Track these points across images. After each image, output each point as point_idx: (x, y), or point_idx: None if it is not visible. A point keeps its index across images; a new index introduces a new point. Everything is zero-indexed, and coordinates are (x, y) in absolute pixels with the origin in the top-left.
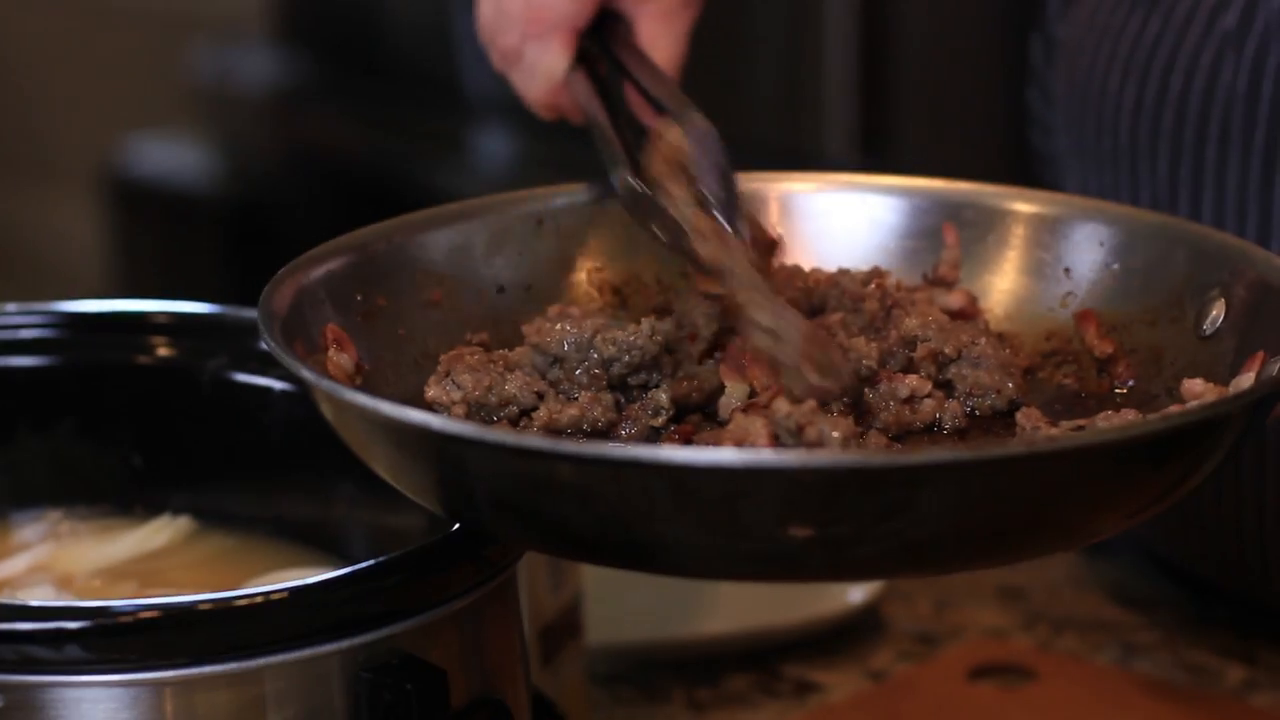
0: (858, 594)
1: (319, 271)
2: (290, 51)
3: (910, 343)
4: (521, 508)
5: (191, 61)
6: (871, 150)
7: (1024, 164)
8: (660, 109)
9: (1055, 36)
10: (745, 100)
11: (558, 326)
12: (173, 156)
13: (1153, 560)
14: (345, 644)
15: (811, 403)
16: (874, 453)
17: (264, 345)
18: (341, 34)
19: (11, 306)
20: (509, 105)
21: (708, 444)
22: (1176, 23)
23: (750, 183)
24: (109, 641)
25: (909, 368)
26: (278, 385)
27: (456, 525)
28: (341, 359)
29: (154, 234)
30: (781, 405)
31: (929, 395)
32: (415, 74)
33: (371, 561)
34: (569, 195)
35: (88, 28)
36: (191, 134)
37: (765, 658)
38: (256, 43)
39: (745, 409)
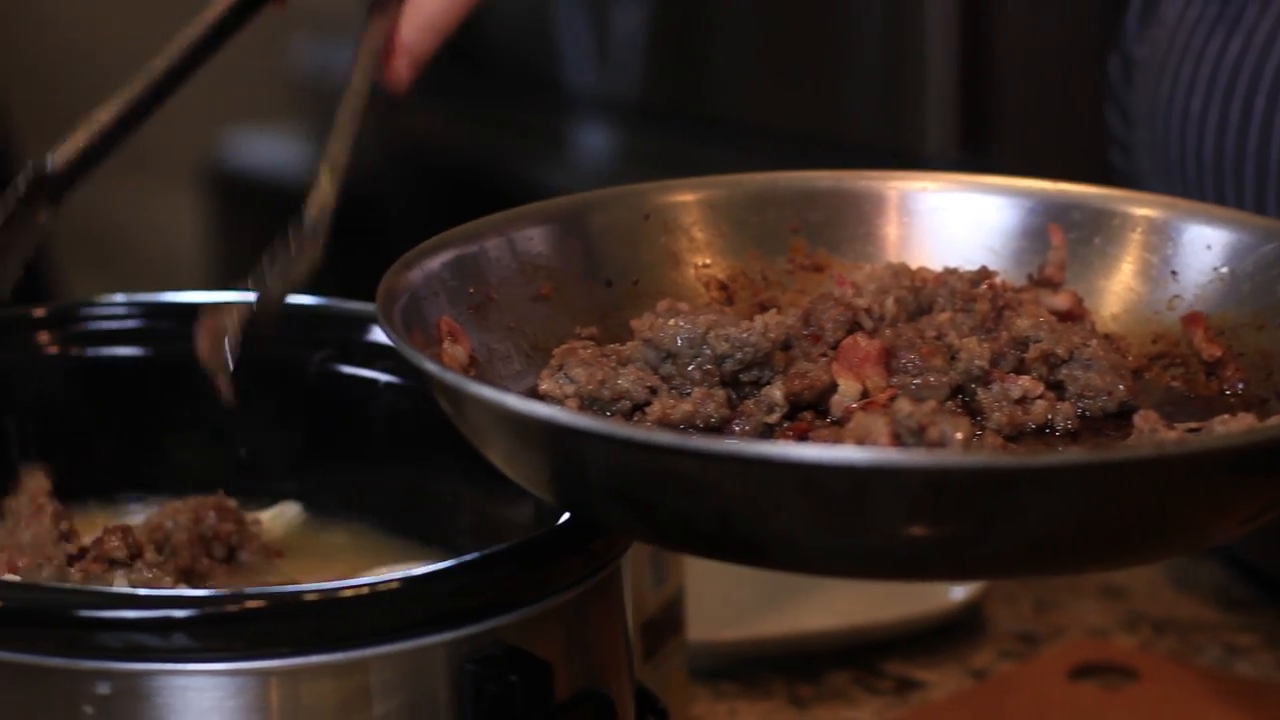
0: (960, 592)
1: (433, 264)
2: None
3: (1022, 344)
4: (641, 501)
5: (292, 55)
6: (971, 152)
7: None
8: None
9: (1134, 57)
10: (846, 102)
11: (670, 322)
12: (272, 150)
13: (1249, 566)
14: (450, 636)
15: (933, 402)
16: (1004, 454)
17: (378, 340)
18: None
19: (118, 297)
20: (609, 100)
21: (824, 442)
22: (1258, 44)
23: (858, 180)
24: (216, 630)
25: (1020, 369)
26: (383, 378)
27: (563, 518)
28: (456, 351)
29: (253, 227)
30: (904, 404)
31: (1041, 396)
32: (515, 68)
33: (477, 554)
34: (676, 191)
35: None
36: (291, 128)
37: (866, 655)
38: (357, 37)
39: (863, 407)
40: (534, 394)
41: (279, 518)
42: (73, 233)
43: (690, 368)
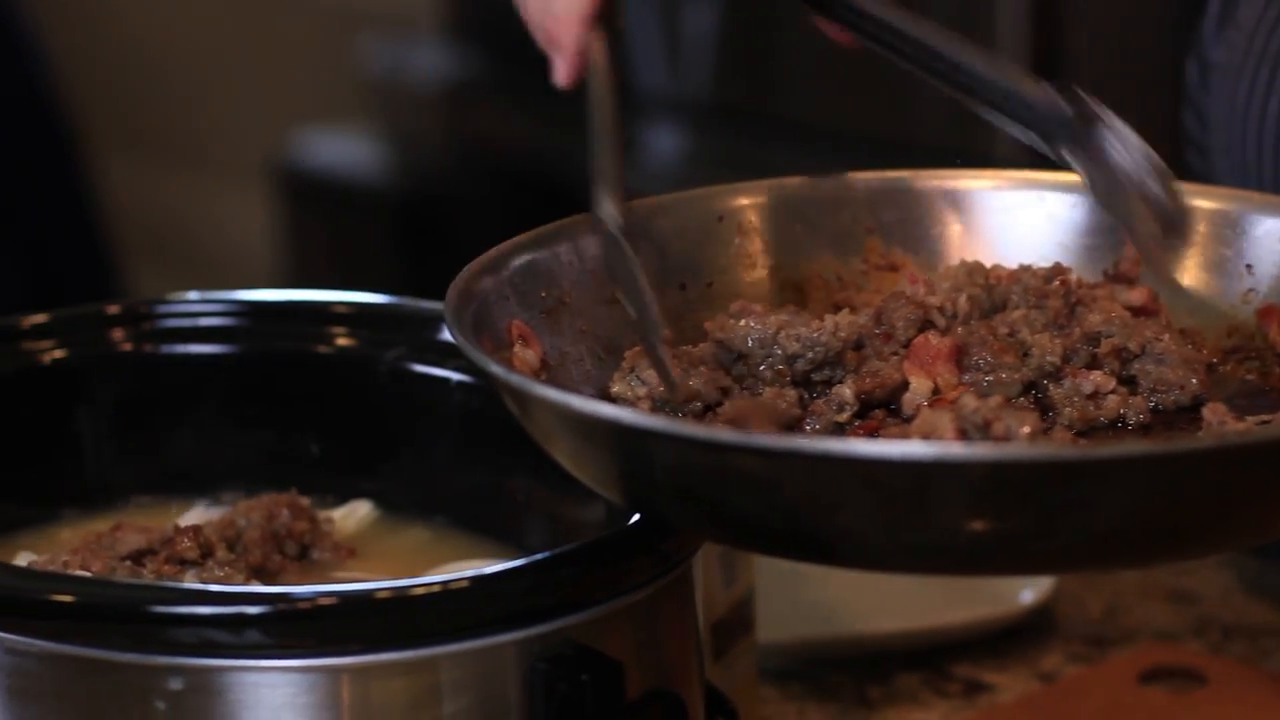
0: (1029, 595)
1: (504, 268)
2: (461, 46)
3: (1094, 339)
4: (708, 500)
5: (363, 55)
6: (1043, 155)
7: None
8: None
9: (1211, 60)
10: (916, 103)
11: (742, 323)
12: (343, 150)
13: None
14: (521, 634)
15: (999, 397)
16: (1065, 446)
17: (450, 339)
18: (513, 29)
19: (193, 295)
20: (680, 101)
21: (894, 439)
22: None
23: (932, 179)
24: (288, 627)
25: (1092, 364)
26: (455, 376)
27: (634, 518)
28: (527, 354)
29: (323, 227)
30: (969, 400)
31: (1113, 391)
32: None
33: (549, 553)
34: (749, 193)
35: (260, 21)
36: (362, 127)
37: (935, 657)
38: (427, 37)
39: (932, 404)
40: (606, 396)
41: (350, 515)
42: (142, 230)
43: (762, 368)
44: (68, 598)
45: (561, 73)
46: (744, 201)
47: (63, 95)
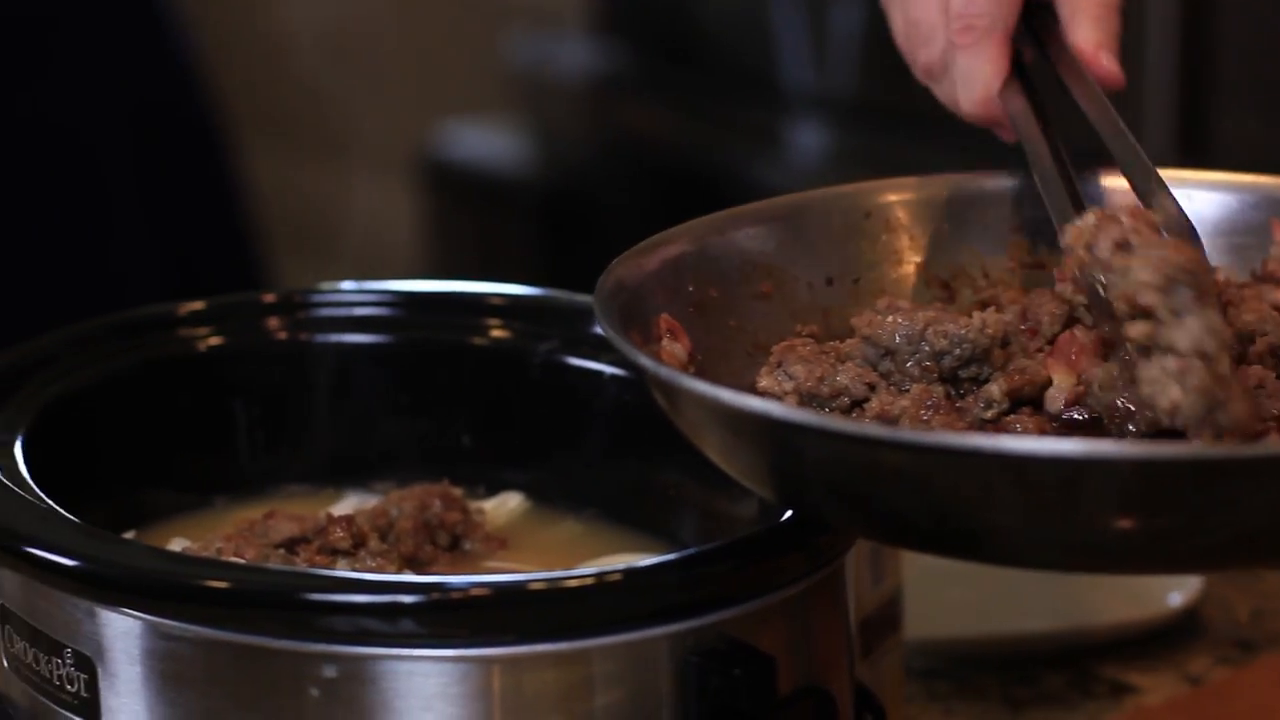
0: (1177, 597)
1: (653, 262)
2: (608, 41)
3: (1248, 337)
4: (856, 495)
5: (510, 48)
6: (1188, 154)
7: None
8: (1104, 149)
9: None
10: (1060, 102)
11: (889, 319)
12: (488, 142)
13: None
14: (674, 628)
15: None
16: (1214, 445)
17: (600, 332)
18: (659, 24)
19: (348, 284)
20: (825, 98)
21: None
22: None
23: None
24: (442, 617)
25: (1243, 361)
26: (608, 370)
27: (788, 513)
28: (675, 348)
29: (467, 219)
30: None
31: (1261, 385)
32: (732, 66)
33: (703, 547)
34: (897, 189)
35: (408, 13)
36: (507, 120)
37: (1082, 658)
38: (575, 31)
39: (1073, 399)
40: (753, 391)
41: (502, 507)
42: (285, 221)
43: (909, 364)
44: (223, 584)
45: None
46: (891, 198)
47: (211, 86)
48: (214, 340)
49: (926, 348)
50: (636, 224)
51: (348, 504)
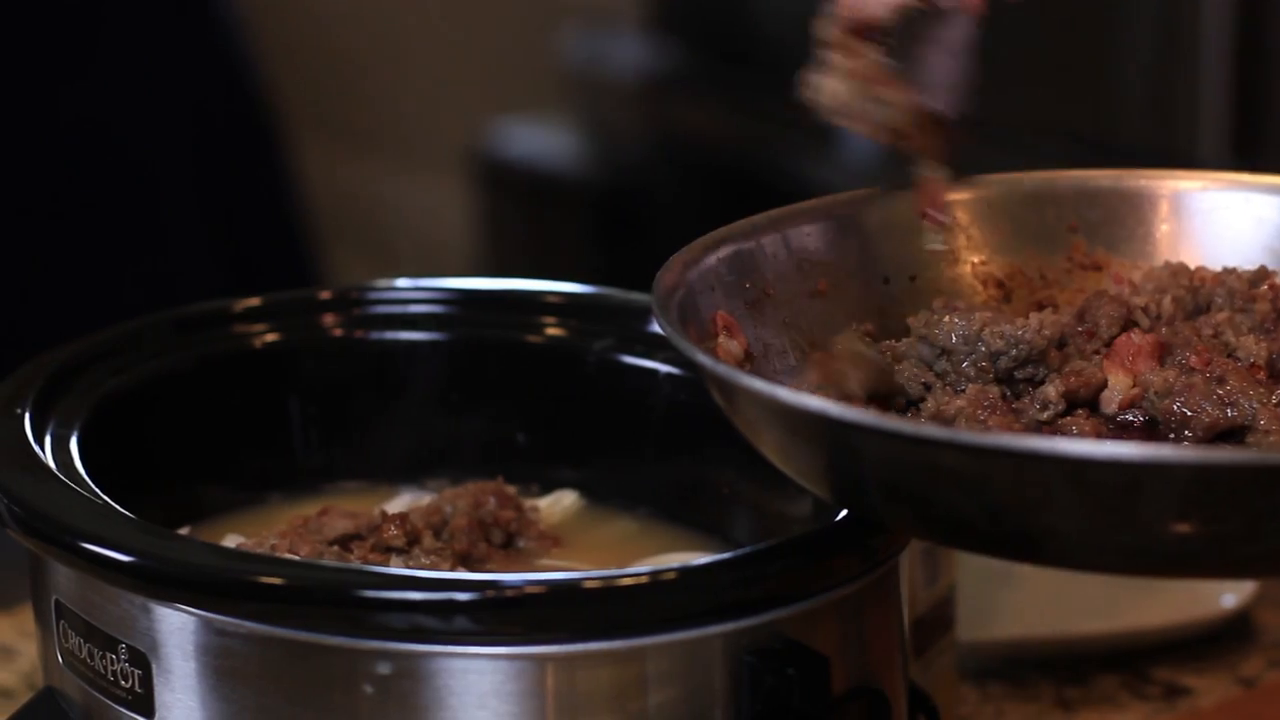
0: (1230, 599)
1: (709, 259)
2: (662, 38)
3: None
4: (913, 495)
5: (563, 46)
6: (1243, 155)
7: None
8: None
9: None
10: (1118, 104)
11: (945, 319)
12: (541, 140)
13: None
14: (729, 627)
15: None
16: (1274, 451)
17: (655, 330)
18: (714, 22)
19: (403, 281)
20: None
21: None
22: None
23: (1137, 179)
24: (497, 614)
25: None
26: (663, 368)
27: (843, 513)
28: (731, 345)
29: (520, 216)
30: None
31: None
32: (787, 63)
33: (758, 546)
34: (955, 189)
35: (462, 10)
36: (561, 118)
37: (1135, 659)
38: (629, 29)
39: (1129, 400)
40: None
41: (556, 505)
42: (338, 218)
43: (965, 364)
44: (278, 580)
45: None
46: (949, 197)
47: (265, 83)
48: (270, 336)
49: (983, 348)
50: (690, 222)
51: (402, 501)
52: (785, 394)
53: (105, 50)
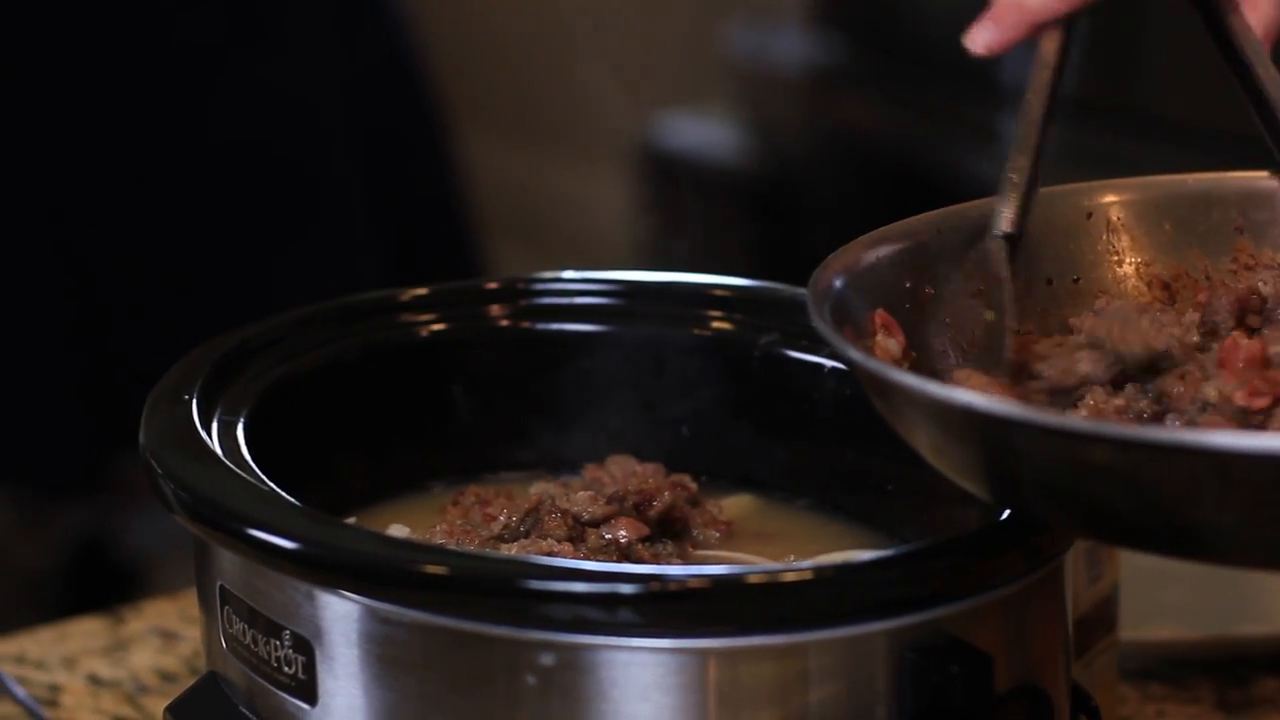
0: None
1: (868, 257)
2: (827, 33)
3: None
4: (1066, 491)
5: (728, 40)
6: None
7: None
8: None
9: None
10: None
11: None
12: (704, 133)
13: None
14: (892, 624)
15: None
16: None
17: (814, 327)
18: (878, 17)
19: (569, 273)
20: None
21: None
22: None
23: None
24: (660, 607)
25: None
26: (829, 363)
27: (1008, 511)
28: (889, 344)
29: (682, 209)
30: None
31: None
32: (952, 60)
33: (922, 544)
34: (1118, 190)
35: (628, 3)
36: (723, 111)
37: None
38: (794, 23)
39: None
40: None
41: (722, 498)
42: (505, 209)
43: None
44: (442, 569)
45: (987, 39)
46: (1112, 198)
47: (431, 73)
48: (436, 326)
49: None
50: (852, 217)
51: (564, 491)
52: (936, 389)
53: (271, 37)
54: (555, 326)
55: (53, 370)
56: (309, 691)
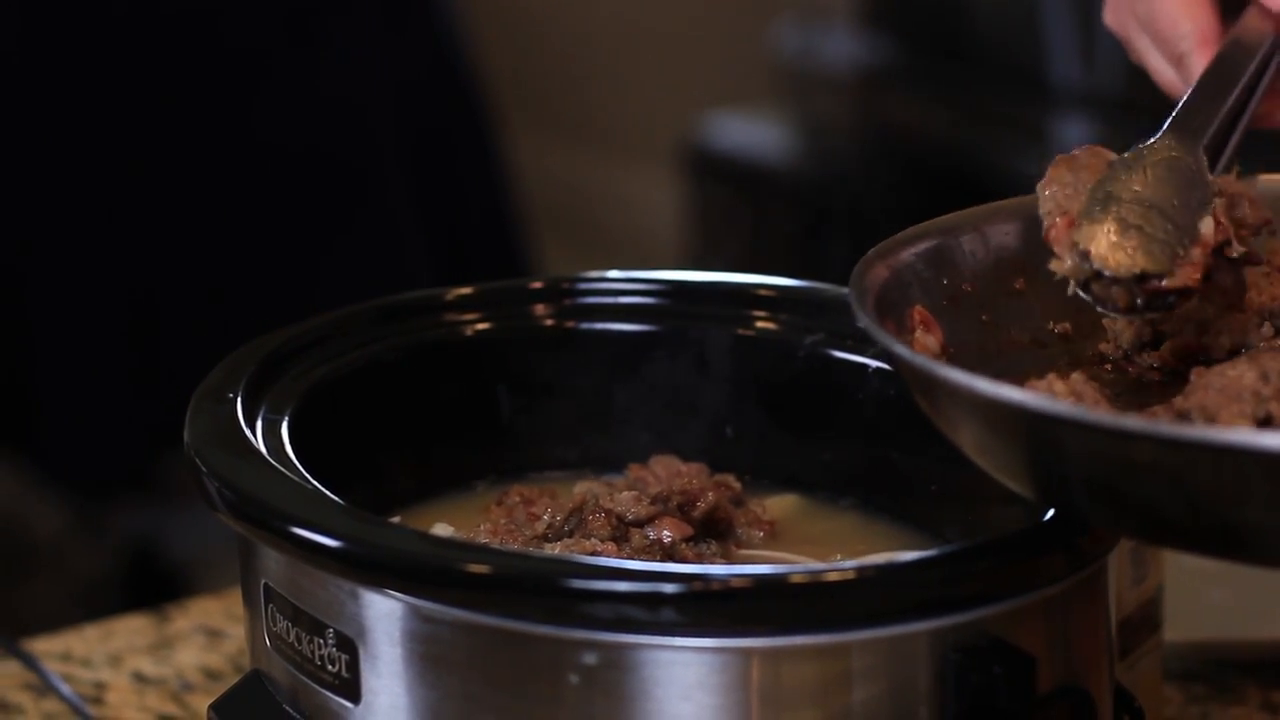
0: None
1: (908, 254)
2: (875, 33)
3: None
4: (1113, 490)
5: (777, 39)
6: None
7: None
8: None
9: None
10: None
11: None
12: (753, 133)
13: None
14: (935, 624)
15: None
16: None
17: (857, 322)
18: (927, 18)
19: (615, 272)
20: (1093, 95)
21: None
22: None
23: None
24: (703, 606)
25: None
26: (873, 363)
27: (1051, 512)
28: (928, 340)
29: (730, 208)
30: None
31: None
32: (1000, 61)
33: (965, 544)
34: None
35: (677, 3)
36: (773, 111)
37: None
38: (842, 23)
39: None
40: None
41: (766, 498)
42: (551, 208)
43: None
44: (485, 569)
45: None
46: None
47: (478, 72)
48: (480, 326)
49: None
50: (899, 218)
51: (608, 490)
52: (982, 384)
53: (321, 40)
54: (600, 326)
55: (105, 371)
56: (352, 690)
